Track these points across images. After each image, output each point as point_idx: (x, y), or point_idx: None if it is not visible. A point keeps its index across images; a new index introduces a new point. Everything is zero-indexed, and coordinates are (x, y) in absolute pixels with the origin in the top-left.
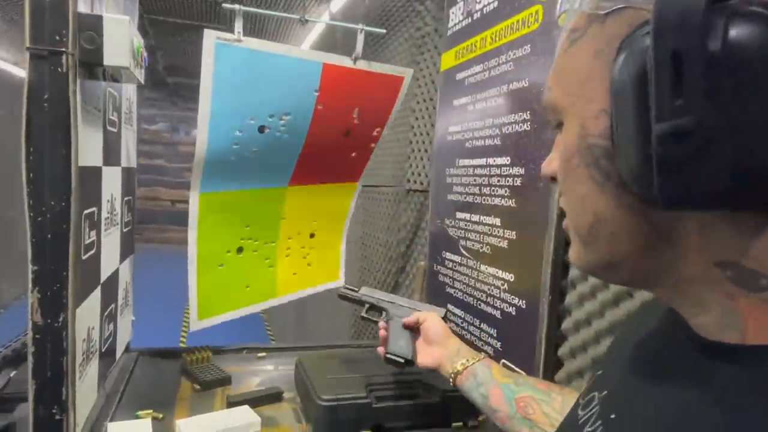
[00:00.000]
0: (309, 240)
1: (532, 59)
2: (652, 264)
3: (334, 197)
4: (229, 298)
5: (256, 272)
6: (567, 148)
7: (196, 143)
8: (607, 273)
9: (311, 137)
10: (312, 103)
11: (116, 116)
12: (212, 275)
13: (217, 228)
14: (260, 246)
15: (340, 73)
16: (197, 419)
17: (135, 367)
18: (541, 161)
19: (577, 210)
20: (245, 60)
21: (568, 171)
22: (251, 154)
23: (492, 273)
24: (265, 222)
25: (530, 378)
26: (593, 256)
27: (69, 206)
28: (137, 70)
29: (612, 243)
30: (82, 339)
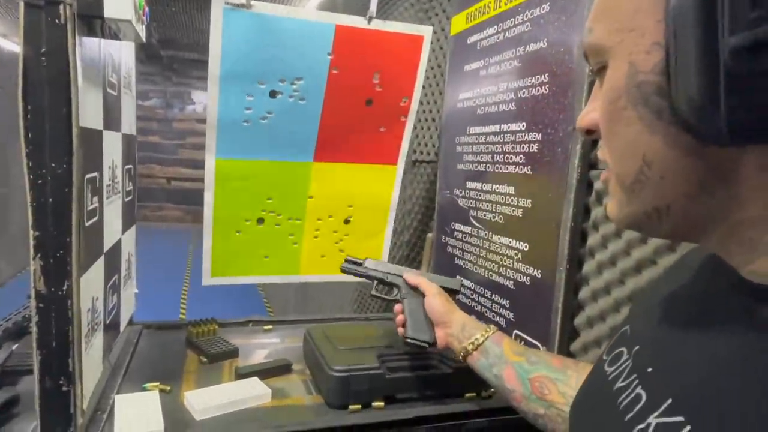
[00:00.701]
0: (343, 225)
1: (551, 18)
2: (702, 209)
3: (371, 181)
4: (245, 263)
5: (277, 245)
6: (613, 89)
7: (207, 106)
8: (650, 224)
9: (329, 104)
10: (325, 67)
11: (115, 78)
12: (228, 239)
13: (235, 195)
14: (283, 221)
15: (354, 35)
16: (205, 391)
17: (139, 340)
18: (560, 125)
19: (623, 156)
20: (254, 25)
21: (614, 114)
22: (266, 121)
23: (505, 243)
24: (290, 198)
25: (543, 354)
26: (637, 206)
27: (71, 169)
28: (139, 25)
29: (660, 189)
30: (87, 309)
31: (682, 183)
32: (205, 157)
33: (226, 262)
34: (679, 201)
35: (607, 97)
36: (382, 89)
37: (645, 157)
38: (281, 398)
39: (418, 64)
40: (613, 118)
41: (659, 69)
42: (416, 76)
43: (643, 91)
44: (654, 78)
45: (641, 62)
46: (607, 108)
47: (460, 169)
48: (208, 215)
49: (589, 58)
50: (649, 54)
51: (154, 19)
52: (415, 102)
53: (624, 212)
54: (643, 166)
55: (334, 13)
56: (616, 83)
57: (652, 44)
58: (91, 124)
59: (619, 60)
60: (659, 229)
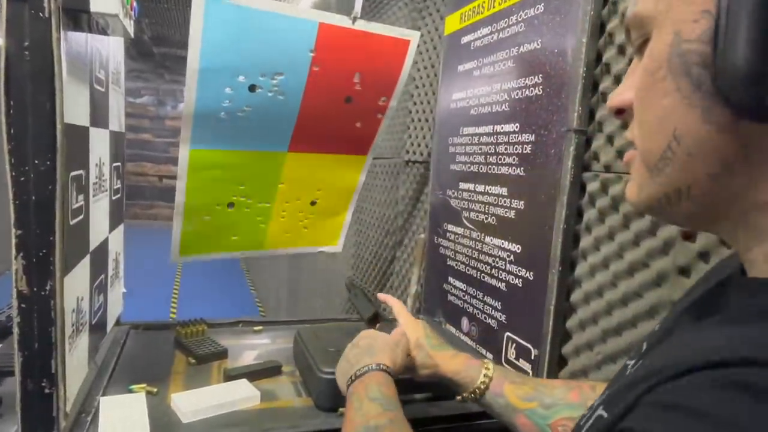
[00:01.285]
0: (309, 207)
1: (546, 18)
2: (721, 191)
3: (341, 168)
4: (212, 243)
5: (246, 226)
6: (654, 59)
7: (185, 98)
8: (669, 206)
9: (308, 100)
10: (306, 64)
11: (103, 74)
12: (198, 223)
13: (208, 183)
14: (253, 205)
15: (338, 34)
16: (193, 393)
17: (126, 340)
18: (554, 127)
19: (653, 131)
20: (235, 17)
21: (651, 85)
22: (244, 114)
23: (497, 244)
24: (261, 184)
25: (555, 387)
26: (658, 187)
27: (55, 166)
28: (126, 20)
29: (685, 167)
30: (71, 309)
31: (708, 161)
32: (180, 147)
33: (194, 242)
34: (701, 181)
35: (647, 68)
36: (361, 89)
37: (676, 132)
38: (270, 400)
39: (401, 68)
40: (650, 89)
41: (706, 37)
42: (398, 78)
43: (686, 60)
44: (699, 47)
45: (687, 30)
46: (645, 79)
47: (452, 169)
48: (179, 203)
49: (632, 31)
50: (696, 22)
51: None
52: (394, 100)
53: (644, 193)
54: (672, 141)
55: (318, 11)
56: (658, 53)
57: (701, 12)
58: (77, 120)
59: (664, 29)
60: (677, 212)
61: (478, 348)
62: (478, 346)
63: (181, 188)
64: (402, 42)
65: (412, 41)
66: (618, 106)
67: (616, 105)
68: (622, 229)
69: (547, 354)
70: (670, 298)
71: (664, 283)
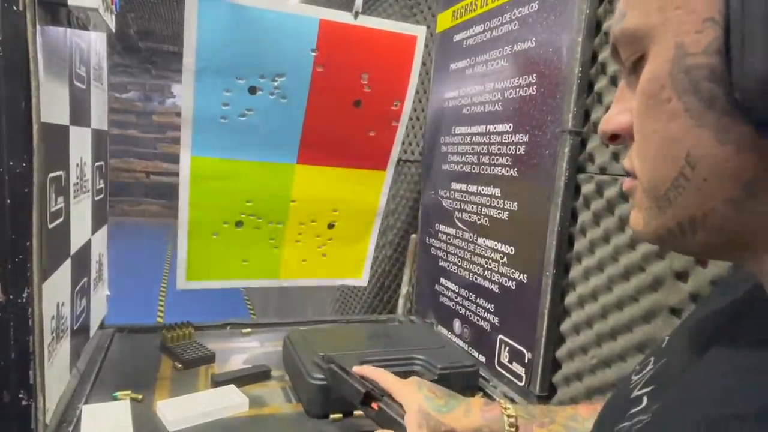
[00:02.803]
0: (326, 230)
1: (540, 17)
2: (742, 218)
3: (358, 186)
4: (222, 267)
5: (257, 249)
6: (654, 78)
7: (182, 100)
8: (682, 238)
9: (313, 104)
10: (309, 64)
11: (84, 71)
12: (205, 241)
13: (213, 195)
14: (263, 224)
15: (340, 31)
16: (179, 400)
17: (111, 344)
18: (548, 127)
19: (661, 158)
20: (231, 16)
21: (655, 108)
22: (246, 119)
23: (490, 246)
24: (271, 201)
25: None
26: (669, 217)
27: (31, 167)
28: (107, 14)
29: (701, 194)
30: (51, 316)
31: (727, 185)
32: (180, 153)
33: (202, 265)
34: (718, 209)
35: (647, 89)
36: (371, 90)
37: (689, 157)
38: (259, 407)
39: (410, 66)
40: (653, 113)
41: (714, 48)
42: (409, 78)
43: (693, 76)
44: (706, 60)
45: (690, 43)
46: (646, 103)
47: (445, 169)
48: (183, 215)
49: (621, 49)
50: (700, 33)
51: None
52: (408, 106)
53: (653, 225)
54: (684, 167)
55: (318, 7)
56: (659, 71)
57: (704, 21)
58: (56, 119)
59: (663, 44)
60: (690, 244)
61: (470, 350)
62: (470, 348)
63: (184, 200)
64: (408, 38)
65: (419, 37)
66: (613, 131)
67: (611, 131)
68: (618, 231)
69: (541, 358)
70: (667, 303)
71: (660, 288)
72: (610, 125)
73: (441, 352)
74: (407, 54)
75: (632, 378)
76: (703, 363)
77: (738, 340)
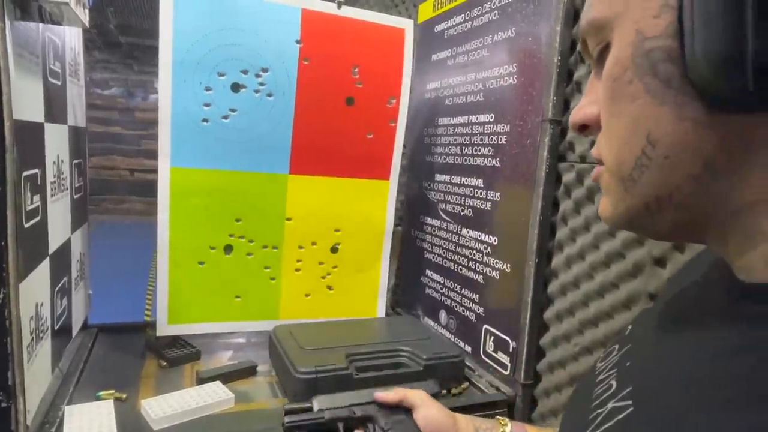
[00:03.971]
0: (330, 255)
1: (519, 6)
2: (705, 194)
3: (360, 199)
4: (211, 305)
5: (251, 281)
6: (618, 63)
7: (159, 101)
8: (650, 219)
9: (302, 101)
10: (295, 57)
11: (59, 66)
12: (189, 272)
13: (196, 214)
14: (256, 249)
15: (324, 21)
16: (164, 398)
17: (94, 344)
18: (528, 117)
19: (625, 138)
20: (209, 4)
21: (618, 91)
22: (230, 121)
23: (474, 236)
24: (263, 219)
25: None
26: (636, 199)
27: (4, 166)
28: (79, 8)
29: (664, 172)
30: (30, 317)
31: (687, 162)
32: (159, 163)
33: (187, 303)
34: (682, 186)
35: (610, 74)
36: (363, 86)
37: (650, 136)
38: (245, 403)
39: (402, 60)
40: (617, 95)
41: (670, 31)
42: (401, 73)
43: (652, 58)
44: (663, 42)
45: (649, 27)
46: (610, 86)
47: (428, 161)
48: (163, 239)
49: (589, 39)
50: (657, 18)
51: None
52: (404, 104)
53: (620, 209)
54: (646, 146)
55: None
56: (621, 55)
57: (660, 7)
58: (29, 116)
59: (624, 30)
60: (659, 224)
61: (456, 341)
62: (456, 339)
63: (164, 221)
64: (396, 31)
65: (407, 30)
66: (581, 121)
67: (579, 121)
68: (598, 220)
69: (525, 346)
70: (646, 289)
71: (640, 274)
72: (578, 116)
73: (427, 344)
74: (397, 47)
75: (597, 365)
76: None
77: (706, 321)
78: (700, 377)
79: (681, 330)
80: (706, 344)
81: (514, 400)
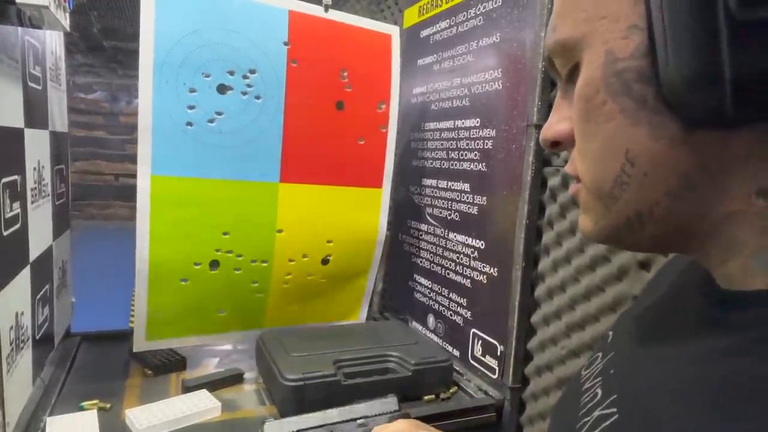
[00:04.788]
0: (321, 267)
1: (504, 12)
2: (685, 208)
3: (353, 208)
4: (192, 321)
5: (237, 297)
6: (589, 85)
7: (140, 104)
8: (631, 233)
9: (291, 104)
10: (283, 59)
11: (39, 71)
12: (170, 290)
13: (180, 228)
14: (245, 264)
15: (312, 24)
16: (149, 407)
17: (77, 353)
18: (514, 122)
19: (602, 158)
20: (191, 2)
21: (592, 112)
22: (216, 125)
23: (461, 240)
24: (252, 232)
25: None
26: (616, 215)
27: None
28: (60, 12)
29: (643, 188)
30: (9, 327)
31: (666, 178)
32: (138, 172)
33: (166, 321)
34: (662, 202)
35: (583, 94)
36: (352, 90)
37: (628, 154)
38: (232, 411)
39: (390, 64)
40: (591, 116)
41: (641, 52)
42: (390, 78)
43: (624, 78)
44: (635, 63)
45: (619, 48)
46: (584, 107)
47: (415, 165)
48: (142, 255)
49: (556, 59)
50: (626, 39)
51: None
52: (394, 109)
53: (601, 224)
54: (625, 164)
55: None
56: (592, 77)
57: (628, 28)
58: (8, 122)
59: (593, 51)
60: (640, 238)
61: (444, 345)
62: (444, 343)
63: (143, 234)
64: (383, 36)
65: (393, 36)
66: (553, 139)
67: (551, 138)
68: None
69: (513, 350)
70: (631, 292)
71: (625, 277)
72: (549, 133)
73: (415, 348)
74: (384, 52)
75: (582, 373)
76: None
77: (686, 328)
78: (683, 384)
79: (661, 337)
80: (687, 351)
81: (503, 403)
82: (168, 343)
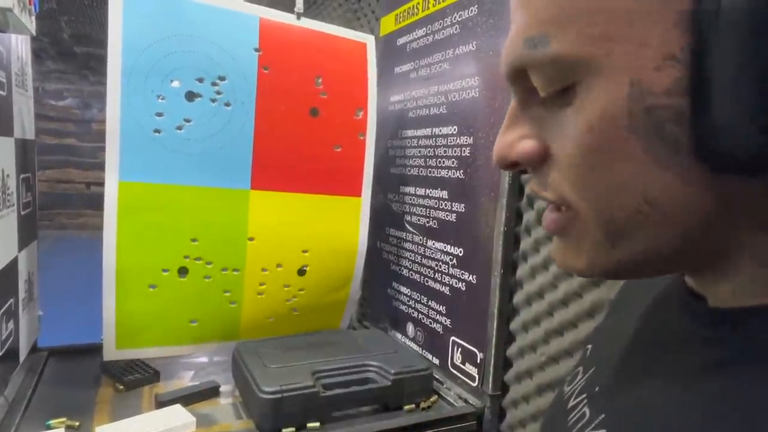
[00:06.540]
0: (297, 278)
1: (480, 20)
2: (696, 244)
3: (331, 218)
4: (163, 330)
5: (209, 306)
6: (606, 116)
7: (107, 110)
8: (637, 269)
9: (263, 111)
10: (254, 65)
11: (4, 76)
12: (139, 296)
13: (147, 234)
14: (215, 272)
15: (284, 30)
16: (120, 424)
17: (45, 368)
18: (491, 129)
19: (612, 194)
20: (161, 7)
21: (607, 146)
22: (184, 132)
23: (440, 248)
24: (222, 239)
25: None
26: (623, 253)
27: None
28: (25, 15)
29: (659, 228)
30: None
31: (686, 219)
32: (105, 178)
33: (136, 329)
34: (676, 239)
35: (596, 126)
36: (327, 97)
37: (646, 195)
38: (207, 426)
39: (366, 71)
40: (604, 149)
41: (679, 90)
42: (367, 83)
43: (656, 117)
44: (671, 101)
45: (650, 81)
46: (596, 141)
47: (392, 173)
48: (109, 261)
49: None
50: (659, 71)
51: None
52: (372, 116)
53: (601, 261)
54: (642, 205)
55: (257, 5)
56: (612, 110)
57: (663, 59)
58: None
59: (610, 79)
60: (639, 273)
61: (424, 353)
62: (424, 351)
63: (110, 242)
64: (358, 44)
65: (369, 45)
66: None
67: (515, 158)
68: None
69: (492, 357)
70: (609, 297)
71: (602, 283)
72: (513, 152)
73: (394, 357)
74: (360, 59)
75: (565, 389)
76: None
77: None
78: (673, 401)
79: (647, 353)
80: (675, 367)
81: (483, 411)
82: (140, 353)
